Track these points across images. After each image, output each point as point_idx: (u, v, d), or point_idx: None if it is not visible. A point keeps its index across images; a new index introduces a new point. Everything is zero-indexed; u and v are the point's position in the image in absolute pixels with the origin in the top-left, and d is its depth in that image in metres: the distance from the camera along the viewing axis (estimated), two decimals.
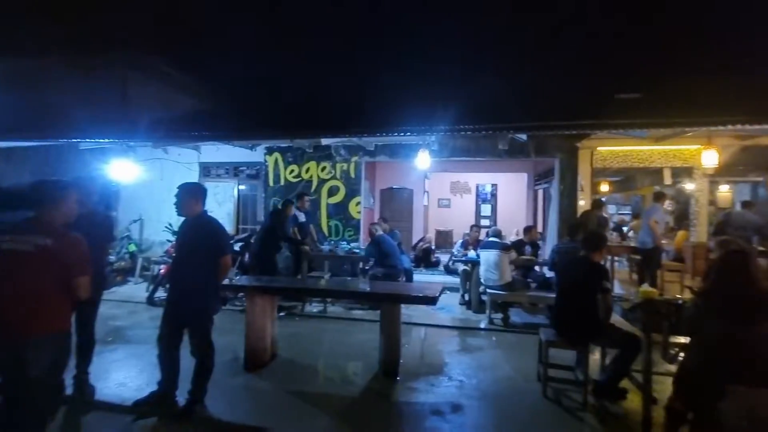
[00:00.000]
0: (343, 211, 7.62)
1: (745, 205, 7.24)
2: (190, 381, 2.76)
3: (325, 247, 6.90)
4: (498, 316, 5.17)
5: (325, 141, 7.19)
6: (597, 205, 6.40)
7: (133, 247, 7.57)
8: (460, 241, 7.01)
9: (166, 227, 6.97)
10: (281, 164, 7.82)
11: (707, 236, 7.09)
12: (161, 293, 5.58)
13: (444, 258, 8.03)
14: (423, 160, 6.39)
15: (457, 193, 12.58)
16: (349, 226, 7.57)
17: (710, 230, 7.28)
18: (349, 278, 6.61)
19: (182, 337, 2.81)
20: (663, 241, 6.36)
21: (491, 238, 5.30)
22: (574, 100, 6.45)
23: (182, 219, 2.96)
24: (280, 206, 6.39)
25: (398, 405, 3.06)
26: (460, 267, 6.17)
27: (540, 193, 9.43)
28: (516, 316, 5.35)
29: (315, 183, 7.69)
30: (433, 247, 9.15)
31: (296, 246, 6.05)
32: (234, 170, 8.30)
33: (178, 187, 2.88)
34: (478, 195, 12.52)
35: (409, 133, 5.77)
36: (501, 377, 3.53)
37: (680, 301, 3.07)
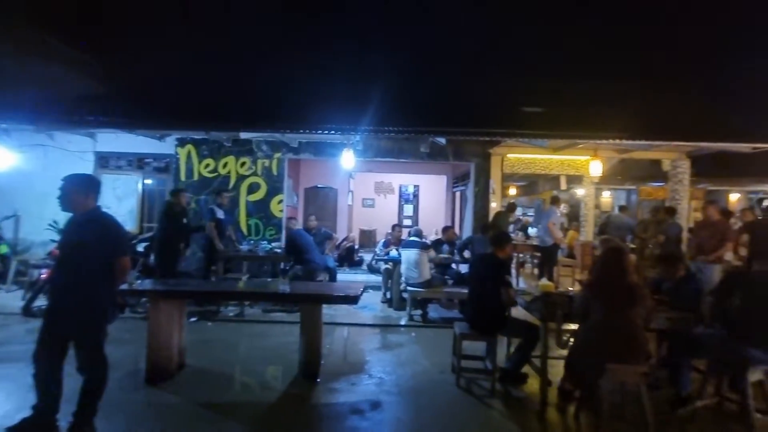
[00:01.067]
0: (264, 209, 7.29)
1: (622, 209, 8.53)
2: (77, 402, 2.41)
3: (244, 247, 6.55)
4: (417, 313, 5.38)
5: (245, 135, 6.82)
6: (511, 208, 7.05)
7: (4, 249, 6.41)
8: (383, 240, 7.15)
9: (50, 225, 6.02)
10: (195, 157, 7.23)
11: (593, 235, 8.18)
12: (41, 301, 4.80)
13: (368, 257, 8.12)
14: (348, 159, 6.39)
15: (381, 193, 12.82)
16: (271, 225, 7.27)
17: (595, 230, 8.42)
18: (269, 279, 6.35)
19: (66, 351, 2.44)
20: (560, 239, 7.20)
21: (412, 238, 5.49)
22: (487, 111, 6.97)
23: (70, 216, 2.58)
24: (169, 197, 5.76)
25: (318, 407, 3.02)
26: (383, 266, 6.29)
27: (458, 194, 10.02)
28: (434, 311, 5.61)
29: (233, 179, 7.24)
30: (356, 247, 9.21)
31: (210, 243, 5.64)
32: (138, 162, 7.47)
33: (63, 179, 2.49)
34: (401, 195, 12.90)
35: (332, 132, 5.73)
36: (419, 371, 3.67)
37: (571, 293, 3.50)
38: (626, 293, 2.75)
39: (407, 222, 12.10)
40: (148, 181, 7.65)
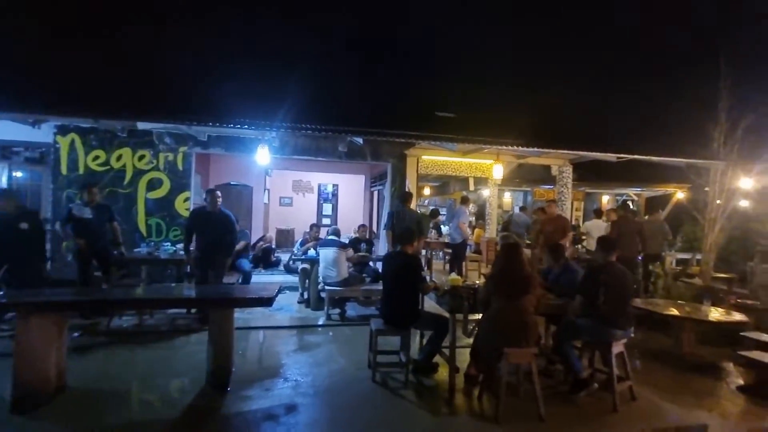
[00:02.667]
0: (167, 207, 6.64)
1: (522, 209, 9.49)
2: None
3: (143, 249, 5.90)
4: (335, 312, 5.38)
5: (143, 125, 6.14)
6: (434, 215, 7.40)
7: None
8: (300, 239, 7.01)
9: None
10: (80, 148, 6.30)
11: (497, 232, 8.98)
12: None
13: (285, 257, 7.88)
14: (262, 156, 6.12)
15: (300, 192, 12.54)
16: (175, 224, 6.66)
17: (499, 228, 9.27)
18: (173, 284, 5.82)
19: None
20: (469, 236, 7.78)
21: (330, 237, 5.48)
22: (403, 114, 7.22)
23: None
24: None
25: (227, 418, 2.85)
26: (300, 265, 6.17)
27: (375, 194, 10.22)
28: (352, 309, 5.67)
29: (129, 174, 6.48)
30: (273, 247, 8.87)
31: (87, 246, 4.88)
32: (3, 151, 6.28)
33: None
34: (320, 194, 12.75)
35: (245, 127, 5.46)
36: (336, 370, 3.68)
37: (476, 286, 3.80)
38: (521, 283, 3.09)
39: (327, 221, 12.02)
40: (18, 174, 6.48)
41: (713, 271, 5.85)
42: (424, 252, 8.34)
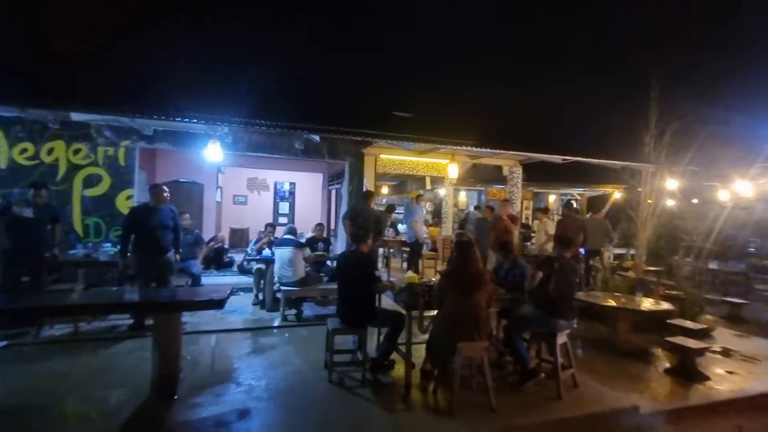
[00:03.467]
0: (107, 206, 6.19)
1: (477, 208, 9.79)
2: None
3: (79, 251, 5.45)
4: (292, 312, 5.27)
5: (78, 116, 5.66)
6: (389, 209, 7.43)
7: None
8: (254, 239, 6.80)
9: None
10: (3, 140, 5.71)
11: (452, 231, 9.22)
12: None
13: (239, 258, 7.61)
14: (214, 152, 5.86)
15: (255, 190, 12.15)
16: (117, 224, 6.21)
17: (455, 226, 9.53)
18: (114, 288, 5.42)
19: None
20: (425, 236, 7.92)
21: (286, 236, 5.36)
22: (361, 112, 7.21)
23: None
24: None
25: (173, 428, 2.71)
26: (255, 266, 5.99)
27: (333, 192, 10.14)
28: (309, 309, 5.58)
29: (63, 169, 5.96)
30: (226, 247, 8.53)
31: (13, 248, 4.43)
32: None
33: None
34: (276, 193, 12.43)
35: (194, 121, 5.20)
36: (291, 372, 3.61)
37: (431, 283, 3.88)
38: (474, 280, 3.20)
39: (283, 220, 11.74)
40: None
41: (645, 264, 6.40)
42: (382, 251, 8.40)
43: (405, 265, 8.37)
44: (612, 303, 4.53)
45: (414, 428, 2.81)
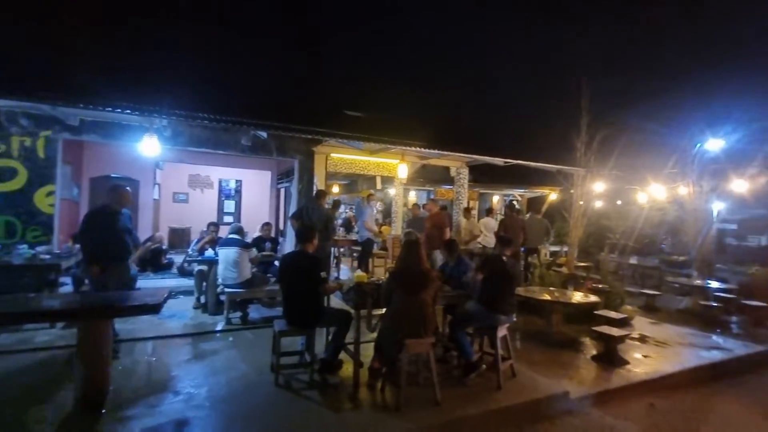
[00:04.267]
0: (23, 203, 5.56)
1: (424, 206, 9.97)
2: None
3: None
4: (236, 315, 5.08)
5: None
6: (319, 196, 7.31)
7: None
8: (196, 239, 6.45)
9: None
10: None
11: (401, 230, 9.37)
12: None
13: (179, 259, 7.18)
14: (150, 146, 5.47)
15: (198, 188, 11.53)
16: (35, 223, 5.61)
17: (404, 225, 9.69)
18: (32, 294, 4.88)
19: None
20: (376, 234, 7.98)
21: (231, 235, 5.14)
22: (311, 110, 7.09)
23: None
24: None
25: None
26: (196, 267, 5.68)
27: (282, 191, 9.90)
28: (255, 312, 5.40)
29: None
30: (165, 247, 8.01)
31: None
32: None
33: None
34: (221, 190, 11.88)
35: (127, 112, 4.82)
36: (235, 377, 3.48)
37: (380, 282, 3.93)
38: (420, 278, 3.28)
39: (229, 219, 11.26)
40: None
41: (576, 260, 6.94)
42: (333, 250, 8.34)
43: (355, 264, 8.38)
44: (547, 297, 4.87)
45: (361, 426, 2.83)
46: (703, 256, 7.01)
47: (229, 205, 11.97)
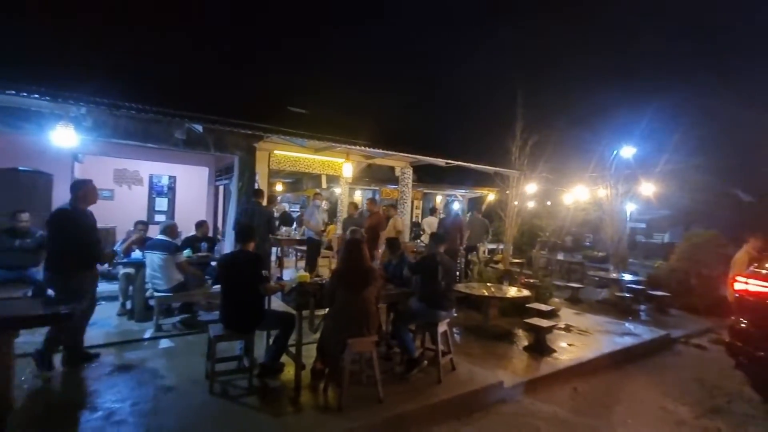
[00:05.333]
0: None
1: (375, 205, 9.98)
2: None
3: None
4: (168, 321, 4.74)
5: None
6: (272, 200, 7.15)
7: None
8: (120, 240, 5.92)
9: None
10: None
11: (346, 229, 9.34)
12: None
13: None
14: (64, 136, 4.92)
15: (124, 184, 10.56)
16: None
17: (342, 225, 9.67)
18: None
19: None
20: (322, 234, 7.87)
21: (160, 236, 4.78)
22: (252, 103, 6.81)
23: None
24: None
25: None
26: (121, 270, 5.22)
27: (221, 188, 9.42)
28: (190, 317, 5.08)
29: None
30: None
31: None
32: None
33: None
34: (152, 187, 10.99)
35: (34, 96, 4.29)
36: (164, 388, 3.24)
37: (324, 281, 3.88)
38: (363, 276, 3.29)
39: (160, 218, 10.45)
40: None
41: (511, 257, 7.39)
42: (275, 250, 8.09)
43: (300, 264, 8.22)
44: (484, 292, 5.13)
45: (302, 429, 2.77)
46: (618, 252, 7.79)
47: (161, 203, 11.12)
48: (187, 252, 5.36)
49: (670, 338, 5.61)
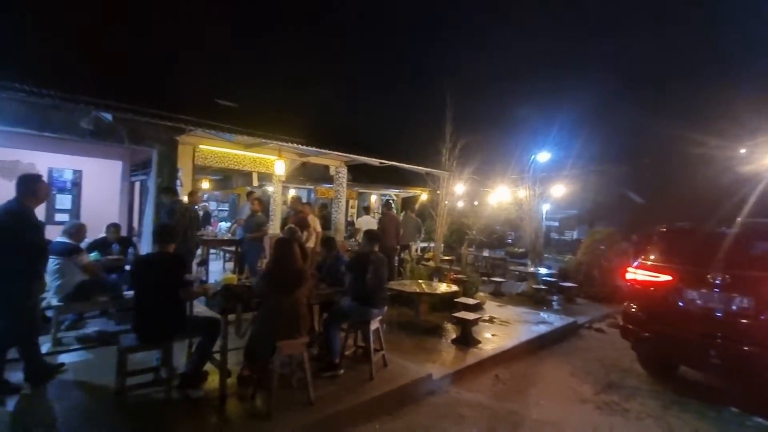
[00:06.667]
0: None
1: (301, 204, 9.78)
2: None
3: None
4: (70, 334, 4.22)
5: None
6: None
7: None
8: None
9: None
10: None
11: (280, 229, 9.06)
12: None
13: None
14: None
15: (14, 178, 9.18)
16: None
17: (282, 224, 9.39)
18: None
19: None
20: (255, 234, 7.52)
21: (59, 239, 4.24)
22: (174, 93, 6.32)
23: None
24: None
25: None
26: None
27: (138, 185, 8.60)
28: (98, 325, 4.57)
29: None
30: None
31: None
32: None
33: None
34: (52, 182, 9.66)
35: None
36: (64, 410, 2.88)
37: (251, 283, 3.73)
38: (294, 277, 3.22)
39: (62, 217, 9.24)
40: None
41: (441, 255, 7.73)
42: (199, 251, 7.59)
43: (229, 265, 7.80)
44: (416, 289, 5.30)
45: None
46: (535, 248, 8.53)
47: (64, 201, 9.83)
48: (94, 255, 4.81)
49: (576, 324, 6.27)
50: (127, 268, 5.23)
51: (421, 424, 3.27)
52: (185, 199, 6.42)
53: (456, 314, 5.05)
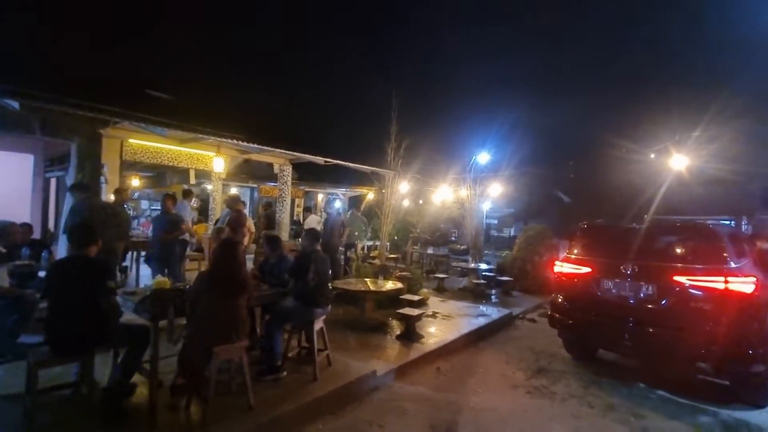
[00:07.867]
0: None
1: (238, 203, 9.40)
2: None
3: None
4: None
5: None
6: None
7: None
8: None
9: None
10: None
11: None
12: None
13: None
14: None
15: None
16: None
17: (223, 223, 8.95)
18: None
19: None
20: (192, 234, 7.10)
21: None
22: (97, 81, 5.79)
23: None
24: None
25: None
26: None
27: (54, 181, 7.76)
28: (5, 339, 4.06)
29: None
30: None
31: None
32: None
33: None
34: None
35: None
36: None
37: (186, 287, 3.53)
38: (236, 281, 3.09)
39: None
40: None
41: (387, 253, 7.84)
42: (130, 254, 7.02)
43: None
44: (361, 287, 5.33)
45: None
46: (476, 245, 8.95)
47: None
48: None
49: (512, 315, 6.69)
50: (41, 274, 4.70)
51: (365, 420, 3.30)
52: (112, 197, 5.88)
53: (400, 311, 5.16)
